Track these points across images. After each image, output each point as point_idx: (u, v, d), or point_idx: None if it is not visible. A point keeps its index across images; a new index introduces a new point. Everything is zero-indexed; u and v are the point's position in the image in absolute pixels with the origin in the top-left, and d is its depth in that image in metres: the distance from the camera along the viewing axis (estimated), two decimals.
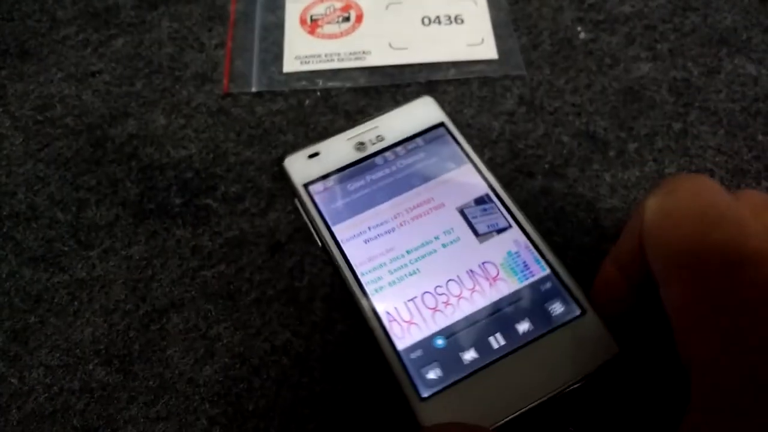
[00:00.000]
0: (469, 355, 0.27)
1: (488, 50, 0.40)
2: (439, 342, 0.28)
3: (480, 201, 0.32)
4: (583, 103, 0.38)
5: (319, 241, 0.31)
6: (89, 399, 0.29)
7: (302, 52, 0.40)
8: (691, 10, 0.42)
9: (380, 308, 0.29)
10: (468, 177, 0.32)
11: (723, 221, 0.20)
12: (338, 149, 0.34)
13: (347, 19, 0.42)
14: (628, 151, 0.36)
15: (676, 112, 0.38)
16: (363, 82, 0.39)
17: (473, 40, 0.40)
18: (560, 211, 0.34)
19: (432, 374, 0.27)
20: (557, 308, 0.28)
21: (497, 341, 0.28)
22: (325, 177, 0.33)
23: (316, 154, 0.33)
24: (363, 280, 0.30)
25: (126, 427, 0.28)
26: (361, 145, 0.33)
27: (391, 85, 0.39)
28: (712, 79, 0.39)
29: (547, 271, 0.29)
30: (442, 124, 0.34)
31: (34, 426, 0.29)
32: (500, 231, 0.31)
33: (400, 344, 0.28)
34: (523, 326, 0.28)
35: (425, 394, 0.27)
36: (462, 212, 0.31)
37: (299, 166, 0.33)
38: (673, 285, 0.20)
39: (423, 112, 0.35)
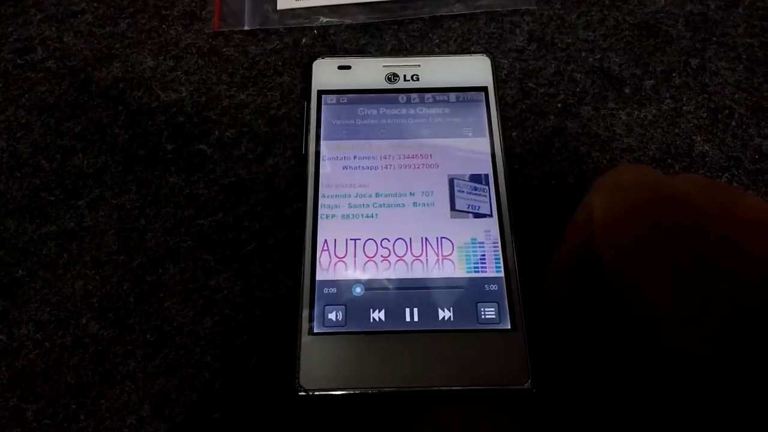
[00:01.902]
0: (377, 315, 0.26)
1: None
2: (357, 290, 0.27)
3: (475, 178, 0.30)
4: (596, 39, 0.36)
5: (303, 149, 0.30)
6: (83, 354, 0.28)
7: None
8: None
9: (321, 234, 0.28)
10: (478, 151, 0.30)
11: (676, 209, 0.19)
12: (370, 71, 0.32)
13: None
14: (645, 88, 0.34)
15: (694, 47, 0.36)
16: (363, 19, 0.36)
17: None
18: (574, 152, 0.32)
19: (333, 316, 0.26)
20: (489, 313, 0.26)
21: (411, 315, 0.26)
22: (343, 92, 0.32)
23: (347, 67, 0.32)
24: (321, 201, 0.29)
25: (124, 382, 0.27)
26: (393, 77, 0.32)
27: (392, 22, 0.36)
28: (730, 12, 0.37)
29: (501, 274, 0.27)
30: (485, 90, 0.32)
31: (26, 383, 0.27)
32: (478, 216, 0.29)
33: (321, 275, 0.27)
34: (445, 314, 0.26)
35: (317, 330, 0.26)
36: (451, 181, 0.29)
37: (324, 72, 0.32)
38: (647, 277, 0.19)
39: (473, 69, 0.33)
